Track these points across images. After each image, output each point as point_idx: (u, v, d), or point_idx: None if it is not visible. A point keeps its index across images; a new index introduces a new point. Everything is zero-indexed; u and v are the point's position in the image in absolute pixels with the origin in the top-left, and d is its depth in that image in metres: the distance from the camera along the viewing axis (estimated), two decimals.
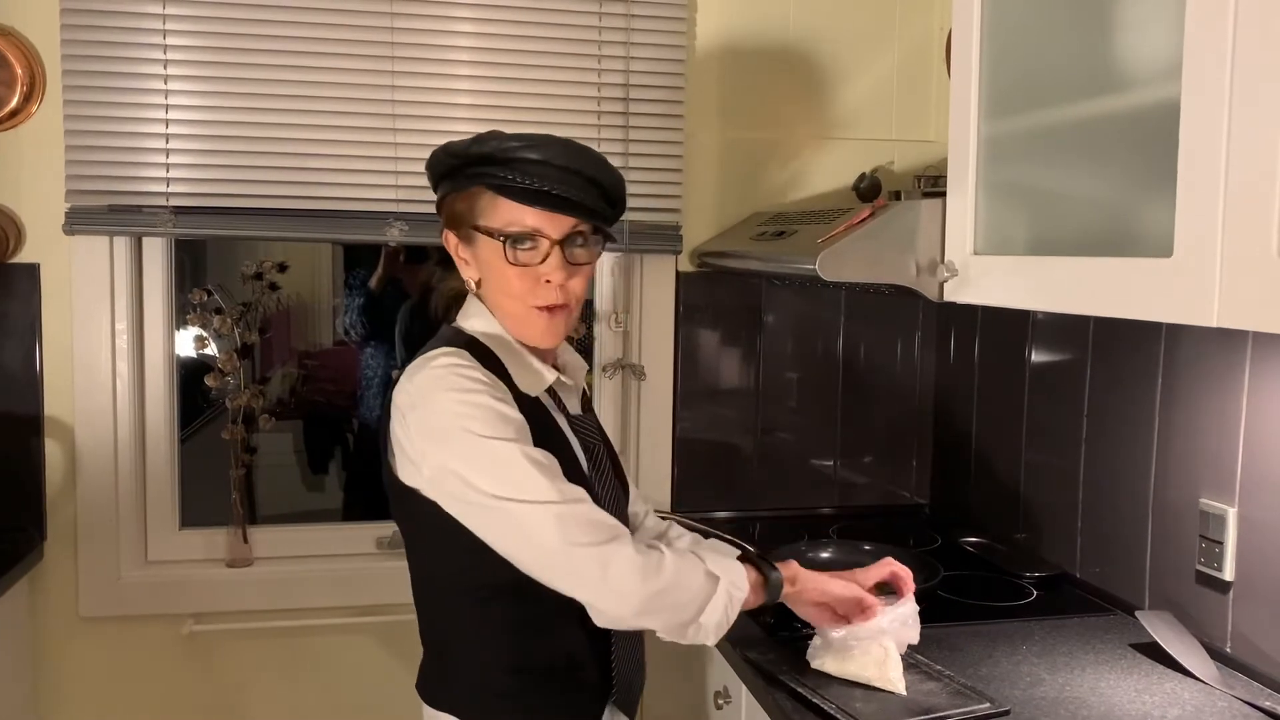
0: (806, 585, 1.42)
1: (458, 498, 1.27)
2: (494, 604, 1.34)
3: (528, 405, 1.35)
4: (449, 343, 1.36)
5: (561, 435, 1.40)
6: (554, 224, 1.34)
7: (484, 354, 1.35)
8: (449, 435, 1.26)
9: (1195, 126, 1.13)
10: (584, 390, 1.56)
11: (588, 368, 1.58)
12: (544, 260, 1.34)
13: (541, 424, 1.35)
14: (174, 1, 2.08)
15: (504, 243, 1.34)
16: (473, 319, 1.42)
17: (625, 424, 2.46)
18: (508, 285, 1.36)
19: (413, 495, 1.31)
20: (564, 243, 1.34)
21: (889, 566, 1.52)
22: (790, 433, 2.50)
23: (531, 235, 1.34)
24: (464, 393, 1.27)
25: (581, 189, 1.34)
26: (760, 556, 1.39)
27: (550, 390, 1.42)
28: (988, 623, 1.74)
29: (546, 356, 1.44)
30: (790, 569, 1.41)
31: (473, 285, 1.42)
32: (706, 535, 1.73)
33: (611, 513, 1.36)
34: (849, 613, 1.45)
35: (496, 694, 1.37)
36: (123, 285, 2.18)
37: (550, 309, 1.37)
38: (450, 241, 1.42)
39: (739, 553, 1.42)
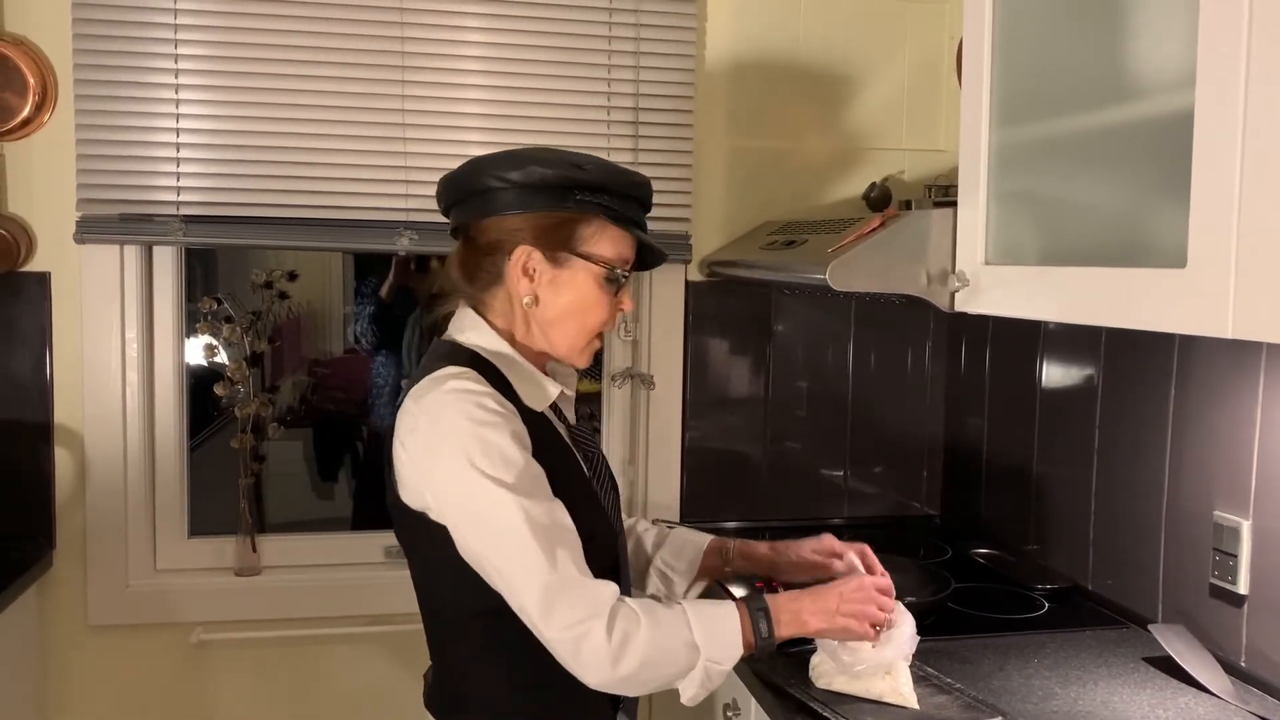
0: (821, 636, 1.40)
1: (456, 538, 1.28)
2: (503, 623, 1.31)
3: (533, 421, 1.34)
4: (448, 359, 1.34)
5: (566, 447, 1.40)
6: (634, 254, 1.42)
7: (487, 370, 1.34)
8: (455, 469, 1.25)
9: (1209, 136, 1.12)
10: (596, 396, 1.57)
11: (578, 375, 1.57)
12: (625, 290, 1.42)
13: (547, 438, 1.35)
14: (185, 11, 2.09)
15: (608, 272, 1.37)
16: (469, 332, 1.39)
17: (634, 433, 2.45)
18: (592, 312, 1.38)
19: (416, 517, 1.31)
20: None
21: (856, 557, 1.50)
22: (800, 442, 2.49)
23: (628, 267, 1.41)
24: (476, 424, 1.26)
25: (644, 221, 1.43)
26: (759, 608, 1.32)
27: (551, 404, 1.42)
28: (999, 635, 1.73)
29: (543, 369, 1.43)
30: (795, 625, 1.35)
31: (527, 301, 1.37)
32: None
33: (611, 518, 1.40)
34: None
35: (507, 710, 1.37)
36: (133, 294, 2.19)
37: (601, 333, 1.43)
38: (523, 256, 1.36)
39: (739, 599, 1.35)
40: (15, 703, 2.07)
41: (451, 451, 1.25)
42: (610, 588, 1.27)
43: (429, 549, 1.32)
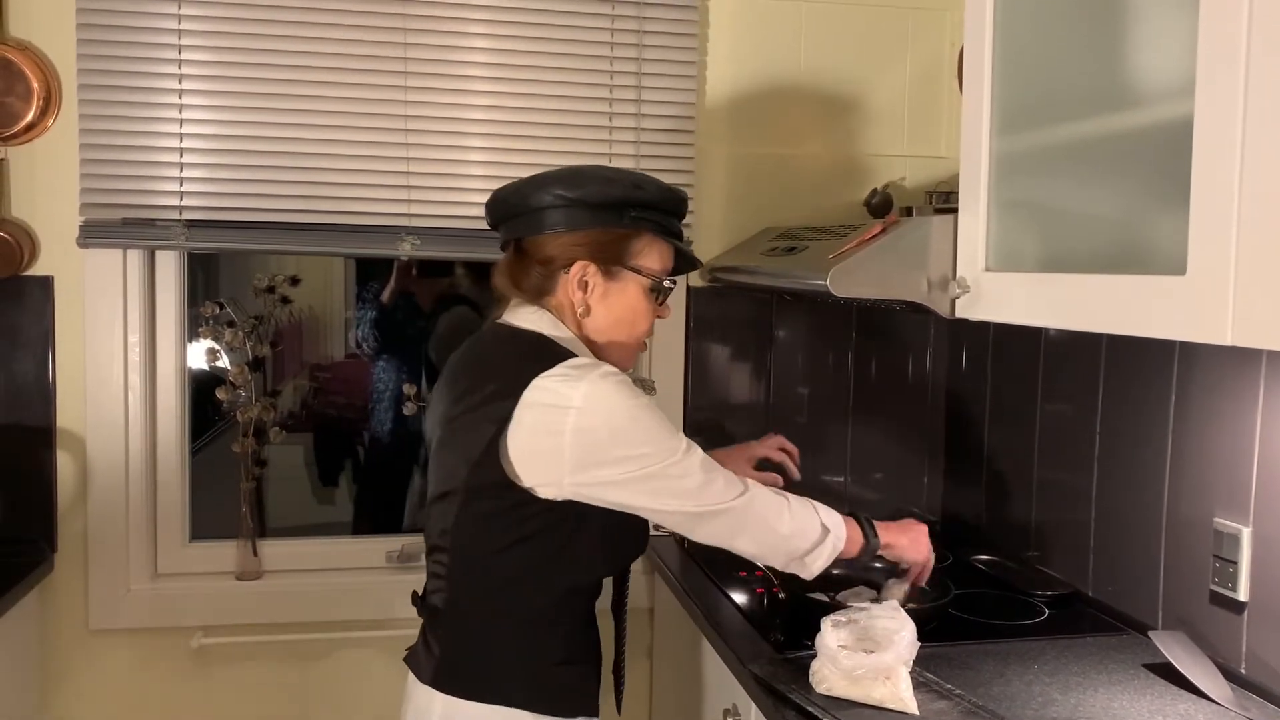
0: (894, 552, 1.66)
1: (630, 499, 1.39)
2: (565, 604, 1.46)
3: None
4: (550, 349, 1.41)
5: None
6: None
7: None
8: (638, 441, 1.37)
9: (1209, 143, 1.13)
10: None
11: None
12: (662, 299, 1.53)
13: None
14: (189, 17, 2.10)
15: (655, 284, 1.49)
16: (548, 329, 1.46)
17: None
18: (641, 322, 1.51)
19: (509, 492, 1.37)
20: None
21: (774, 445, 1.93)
22: (800, 448, 2.47)
23: (673, 279, 1.54)
24: (640, 401, 1.38)
25: None
26: (867, 520, 1.59)
27: None
28: (999, 642, 1.73)
29: None
30: (889, 534, 1.62)
31: (581, 310, 1.47)
32: None
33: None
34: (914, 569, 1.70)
35: (532, 684, 1.44)
36: (135, 298, 2.20)
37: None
38: (582, 269, 1.45)
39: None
40: (16, 706, 2.07)
41: (631, 427, 1.36)
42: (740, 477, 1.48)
43: (505, 525, 1.39)
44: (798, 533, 1.48)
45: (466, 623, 1.47)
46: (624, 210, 1.45)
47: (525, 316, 1.48)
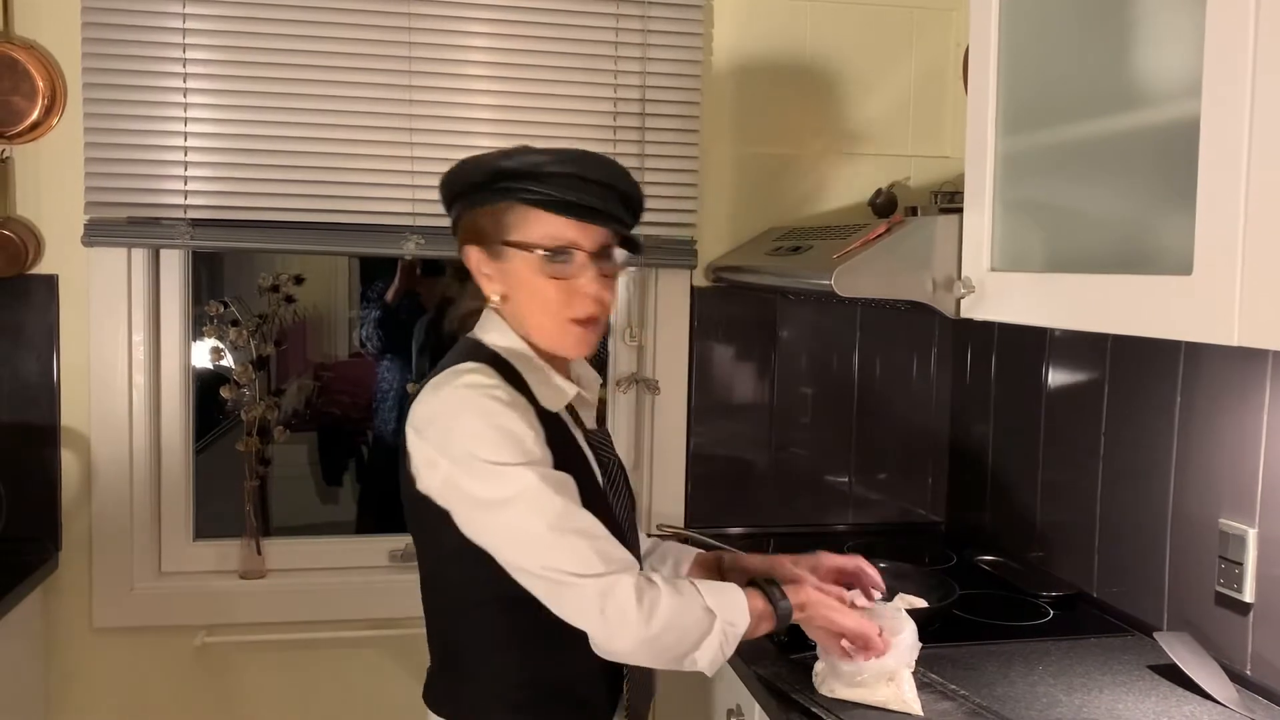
0: (817, 613, 1.38)
1: (463, 523, 1.29)
2: (508, 615, 1.34)
3: (548, 421, 1.35)
4: (471, 357, 1.36)
5: (579, 451, 1.40)
6: (588, 236, 1.35)
7: (506, 370, 1.35)
8: (465, 454, 1.27)
9: (1215, 143, 1.13)
10: (602, 403, 1.56)
11: (601, 380, 1.58)
12: (580, 273, 1.35)
13: (561, 440, 1.35)
14: (194, 16, 2.10)
15: (542, 256, 1.34)
16: (492, 333, 1.41)
17: (639, 439, 2.45)
18: (544, 299, 1.35)
19: (427, 504, 1.32)
20: (597, 254, 1.36)
21: (854, 563, 1.53)
22: (805, 449, 2.49)
23: (568, 249, 1.34)
24: (487, 416, 1.27)
25: (612, 201, 1.35)
26: (770, 582, 1.37)
27: (569, 406, 1.42)
28: (1004, 642, 1.72)
29: (563, 371, 1.43)
30: (801, 595, 1.37)
31: (496, 300, 1.40)
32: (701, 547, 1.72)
33: (624, 527, 1.38)
34: (858, 647, 1.40)
35: (508, 705, 1.37)
36: (140, 297, 2.20)
37: (584, 320, 1.37)
38: (472, 257, 1.40)
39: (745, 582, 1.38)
40: (20, 705, 2.07)
41: (462, 441, 1.27)
42: (627, 552, 1.28)
43: (436, 535, 1.34)
44: (672, 626, 1.25)
45: (444, 640, 1.43)
46: (490, 186, 1.35)
47: (480, 321, 1.44)
